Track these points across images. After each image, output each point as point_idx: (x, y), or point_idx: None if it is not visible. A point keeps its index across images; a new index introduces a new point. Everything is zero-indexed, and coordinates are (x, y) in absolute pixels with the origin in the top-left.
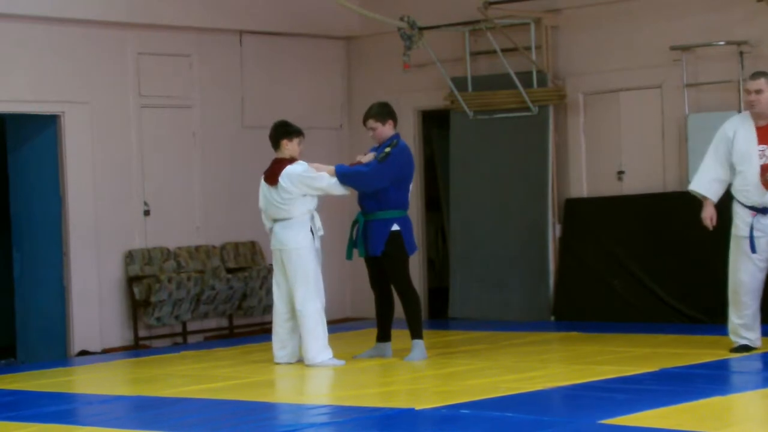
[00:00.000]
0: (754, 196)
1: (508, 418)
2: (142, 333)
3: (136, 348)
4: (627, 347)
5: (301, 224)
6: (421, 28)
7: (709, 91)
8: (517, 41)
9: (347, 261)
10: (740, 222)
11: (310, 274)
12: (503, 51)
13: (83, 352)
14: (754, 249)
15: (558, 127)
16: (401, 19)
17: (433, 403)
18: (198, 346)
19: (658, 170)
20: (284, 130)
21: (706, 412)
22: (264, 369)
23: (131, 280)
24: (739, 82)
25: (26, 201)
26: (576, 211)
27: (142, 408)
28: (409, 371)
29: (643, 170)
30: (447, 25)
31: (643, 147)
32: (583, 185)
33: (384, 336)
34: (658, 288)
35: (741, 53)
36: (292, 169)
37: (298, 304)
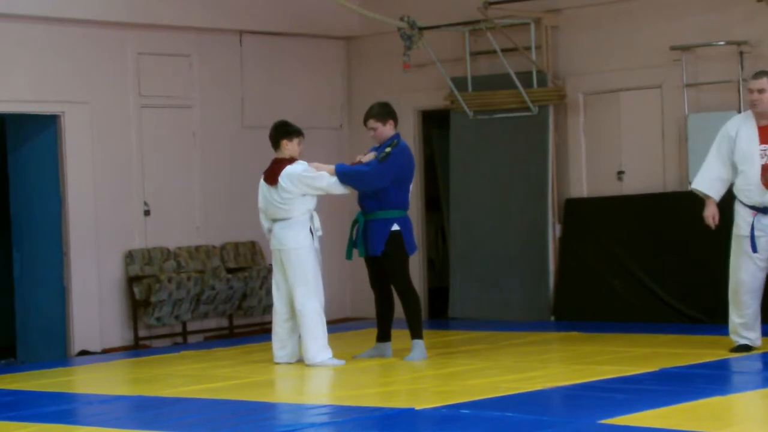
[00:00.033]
0: (756, 196)
1: (508, 418)
2: (142, 333)
3: (136, 348)
4: (627, 347)
5: (300, 224)
6: (421, 28)
7: (709, 91)
8: (517, 41)
9: (347, 261)
10: (741, 221)
11: (310, 274)
12: (503, 51)
13: (83, 352)
14: (755, 248)
15: (558, 127)
16: (401, 19)
17: (433, 403)
18: (198, 346)
19: (658, 170)
20: (284, 130)
21: (706, 412)
22: (264, 369)
23: (131, 280)
24: (739, 82)
25: (26, 201)
26: (576, 211)
27: (142, 408)
28: (409, 371)
29: (643, 170)
30: (447, 25)
31: (643, 147)
32: (583, 185)
33: (384, 336)
34: (658, 288)
35: (741, 53)
36: (292, 168)
37: (297, 304)
